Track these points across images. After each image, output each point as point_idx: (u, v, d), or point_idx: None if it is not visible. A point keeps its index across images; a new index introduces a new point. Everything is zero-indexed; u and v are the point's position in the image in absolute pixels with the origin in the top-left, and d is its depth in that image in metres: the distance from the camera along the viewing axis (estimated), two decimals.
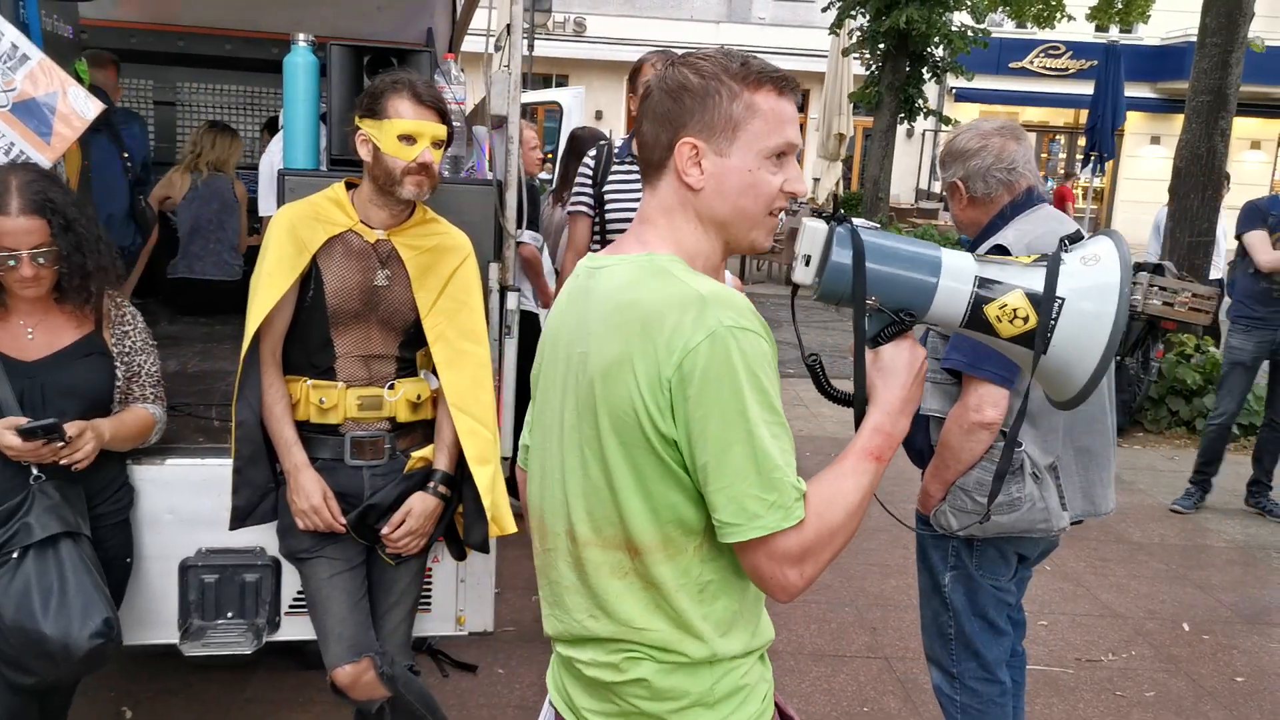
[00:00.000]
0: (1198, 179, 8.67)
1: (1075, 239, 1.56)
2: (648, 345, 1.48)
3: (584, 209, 4.12)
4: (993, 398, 2.67)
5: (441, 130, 2.68)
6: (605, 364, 1.52)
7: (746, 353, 1.45)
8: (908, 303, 1.58)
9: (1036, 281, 1.52)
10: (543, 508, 1.69)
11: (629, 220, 3.97)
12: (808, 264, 1.58)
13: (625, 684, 1.59)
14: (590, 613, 1.61)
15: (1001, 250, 2.74)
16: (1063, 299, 1.49)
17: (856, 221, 1.60)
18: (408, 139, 2.62)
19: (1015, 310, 1.52)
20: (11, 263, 2.50)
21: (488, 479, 2.77)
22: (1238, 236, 6.40)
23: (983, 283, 1.54)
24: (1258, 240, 6.23)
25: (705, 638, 1.56)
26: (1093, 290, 1.48)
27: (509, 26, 3.09)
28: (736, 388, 1.44)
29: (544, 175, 8.07)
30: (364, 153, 2.67)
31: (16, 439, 2.46)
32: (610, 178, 4.07)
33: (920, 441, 2.93)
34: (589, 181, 4.11)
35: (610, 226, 4.04)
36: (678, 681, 1.57)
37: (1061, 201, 17.06)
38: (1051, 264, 1.51)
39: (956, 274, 1.56)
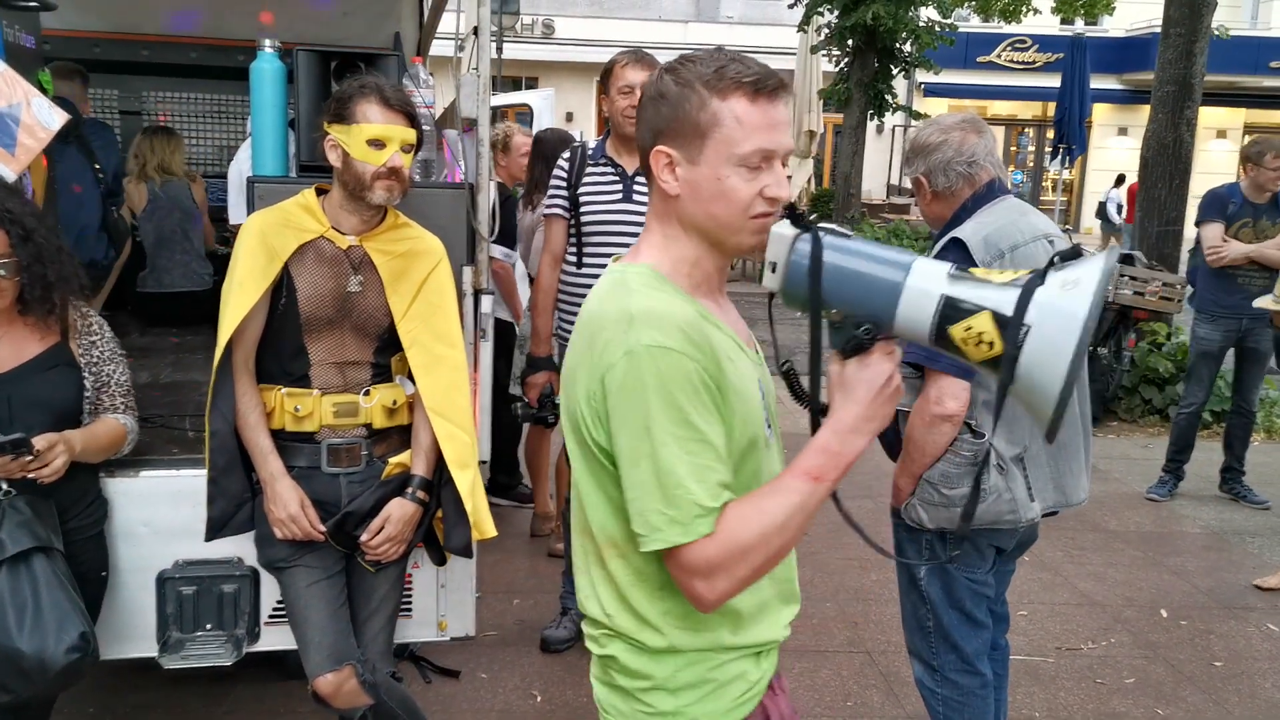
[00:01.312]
0: (1165, 169, 8.74)
1: (1071, 255, 1.41)
2: (589, 358, 1.58)
3: (559, 211, 4.10)
4: (953, 390, 2.68)
5: (411, 134, 2.67)
6: (568, 370, 1.65)
7: (662, 371, 1.49)
8: (872, 315, 1.51)
9: (1009, 303, 1.39)
10: None
11: (604, 222, 3.98)
12: (774, 270, 1.55)
13: (605, 658, 1.72)
14: (585, 593, 1.73)
15: (958, 243, 2.77)
16: (1029, 326, 1.36)
17: (828, 227, 1.55)
18: (377, 143, 2.60)
19: (981, 334, 1.41)
20: None
21: (468, 483, 2.76)
22: (1197, 224, 6.44)
23: (949, 302, 1.43)
24: (1209, 235, 6.27)
25: (663, 631, 1.64)
26: (1059, 319, 1.34)
27: (476, 29, 3.08)
28: (644, 405, 1.50)
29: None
30: (333, 158, 2.65)
31: None
32: (585, 180, 4.05)
33: (891, 435, 2.93)
34: (564, 184, 4.09)
35: (586, 229, 4.02)
36: (643, 664, 1.67)
37: (1132, 199, 16.87)
38: (1028, 286, 1.39)
39: (922, 289, 1.46)
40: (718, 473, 1.52)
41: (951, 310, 1.42)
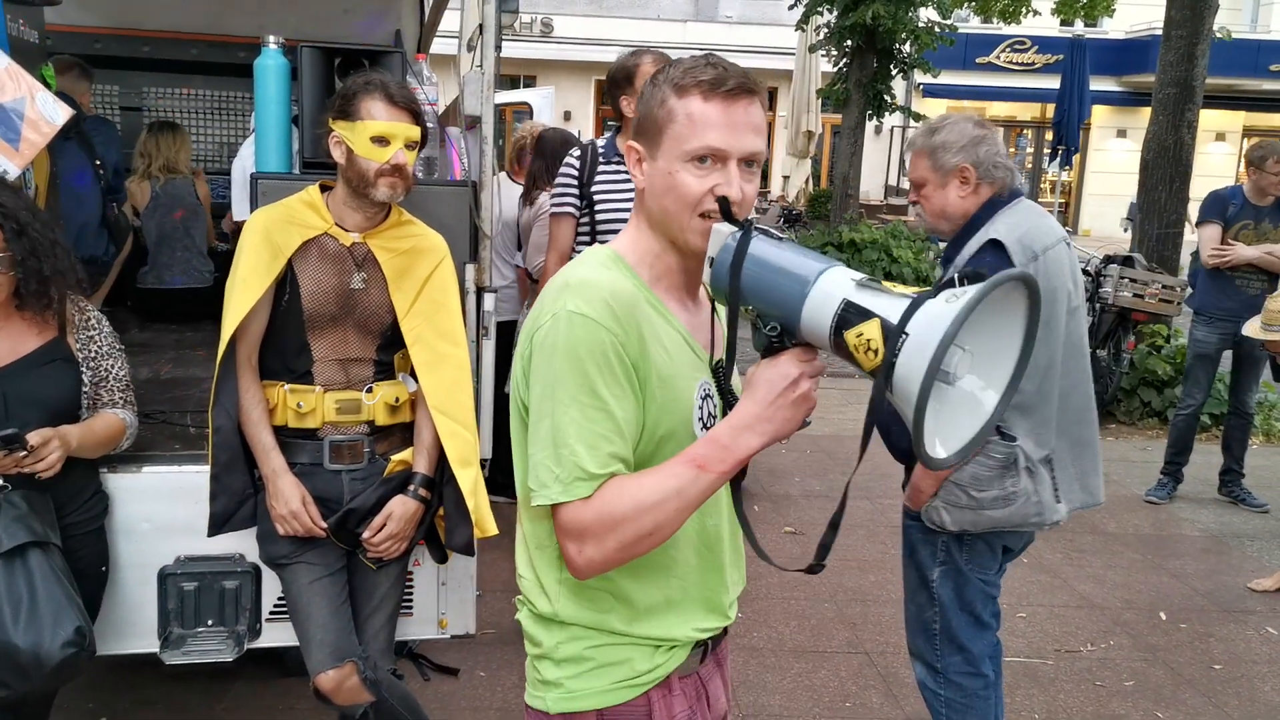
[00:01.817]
0: (1165, 171, 8.75)
1: (975, 278, 1.34)
2: (529, 321, 1.65)
3: (569, 209, 4.09)
4: None
5: (415, 131, 2.66)
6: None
7: (577, 337, 1.54)
8: (782, 316, 1.49)
9: (897, 312, 1.35)
10: None
11: (620, 218, 3.98)
12: (711, 265, 1.55)
13: (520, 619, 1.81)
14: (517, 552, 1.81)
15: (997, 245, 2.76)
16: (907, 335, 1.32)
17: (764, 229, 1.54)
18: (381, 140, 2.60)
19: (869, 341, 1.37)
20: None
21: (470, 481, 2.75)
22: (1196, 225, 6.45)
23: (848, 306, 1.40)
24: (1206, 236, 6.29)
25: (551, 597, 1.71)
26: (931, 328, 1.29)
27: (481, 26, 3.07)
28: (555, 367, 1.55)
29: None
30: (337, 155, 2.65)
31: None
32: (598, 178, 4.05)
33: (904, 441, 2.90)
34: (574, 182, 4.09)
35: (601, 226, 4.03)
36: (535, 630, 1.75)
37: None
38: (920, 296, 1.35)
39: (826, 294, 1.43)
40: (612, 444, 1.55)
41: (848, 315, 1.40)
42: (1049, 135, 19.11)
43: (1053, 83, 18.16)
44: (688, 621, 1.75)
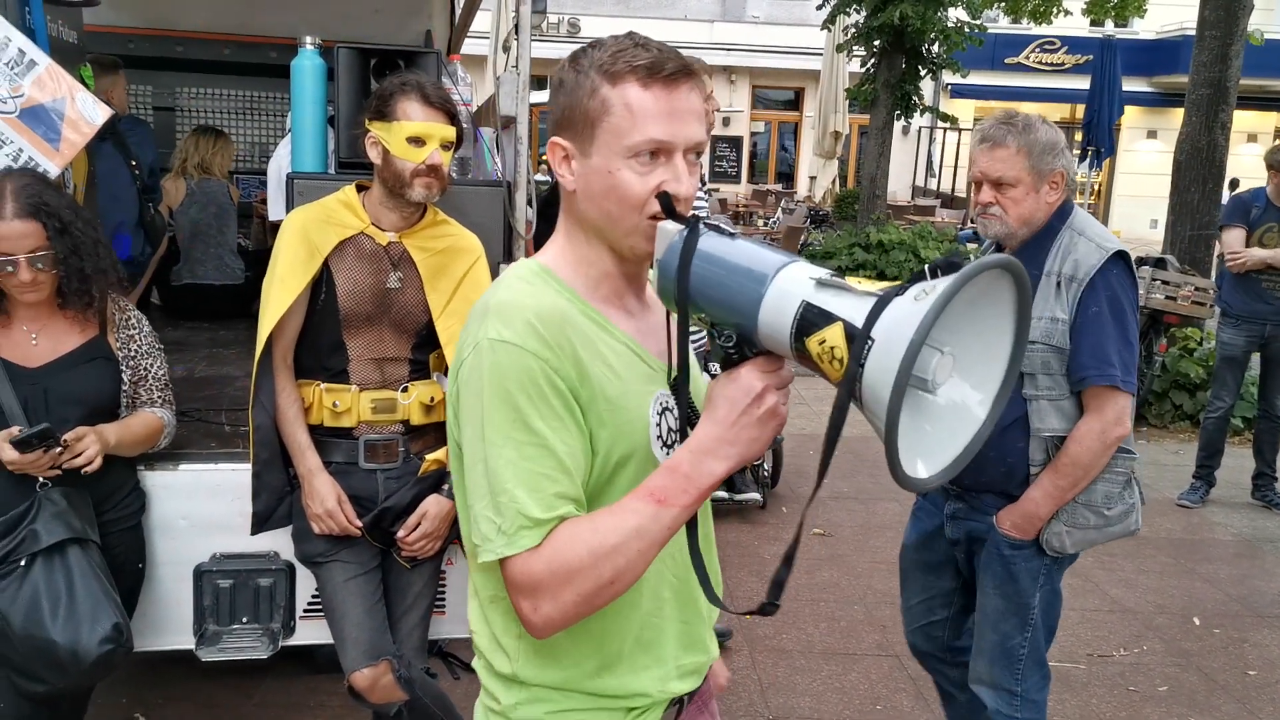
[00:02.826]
0: (1198, 172, 8.68)
1: (949, 268, 1.18)
2: (454, 354, 1.48)
3: None
4: (1130, 408, 2.66)
5: (450, 132, 2.67)
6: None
7: (501, 367, 1.37)
8: (738, 323, 1.32)
9: (860, 315, 1.19)
10: None
11: None
12: (657, 268, 1.40)
13: (476, 668, 1.62)
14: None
15: (1123, 257, 2.70)
16: (873, 341, 1.16)
17: (712, 224, 1.38)
18: (416, 141, 2.61)
19: (833, 349, 1.21)
20: (9, 268, 2.49)
21: None
22: (1219, 228, 6.41)
23: (808, 309, 1.23)
24: (1230, 240, 6.26)
25: (511, 656, 1.52)
26: (898, 333, 1.13)
27: (516, 26, 3.08)
28: (480, 404, 1.38)
29: (540, 177, 8.09)
30: (373, 155, 2.66)
31: (13, 452, 2.44)
32: None
33: (1021, 467, 2.77)
34: None
35: None
36: (492, 686, 1.56)
37: None
38: (885, 295, 1.19)
39: (784, 295, 1.26)
40: (556, 483, 1.37)
41: (808, 320, 1.23)
42: (1078, 136, 18.96)
43: (1082, 83, 18.03)
44: (663, 662, 1.56)
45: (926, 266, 1.20)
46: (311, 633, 3.06)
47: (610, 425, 1.44)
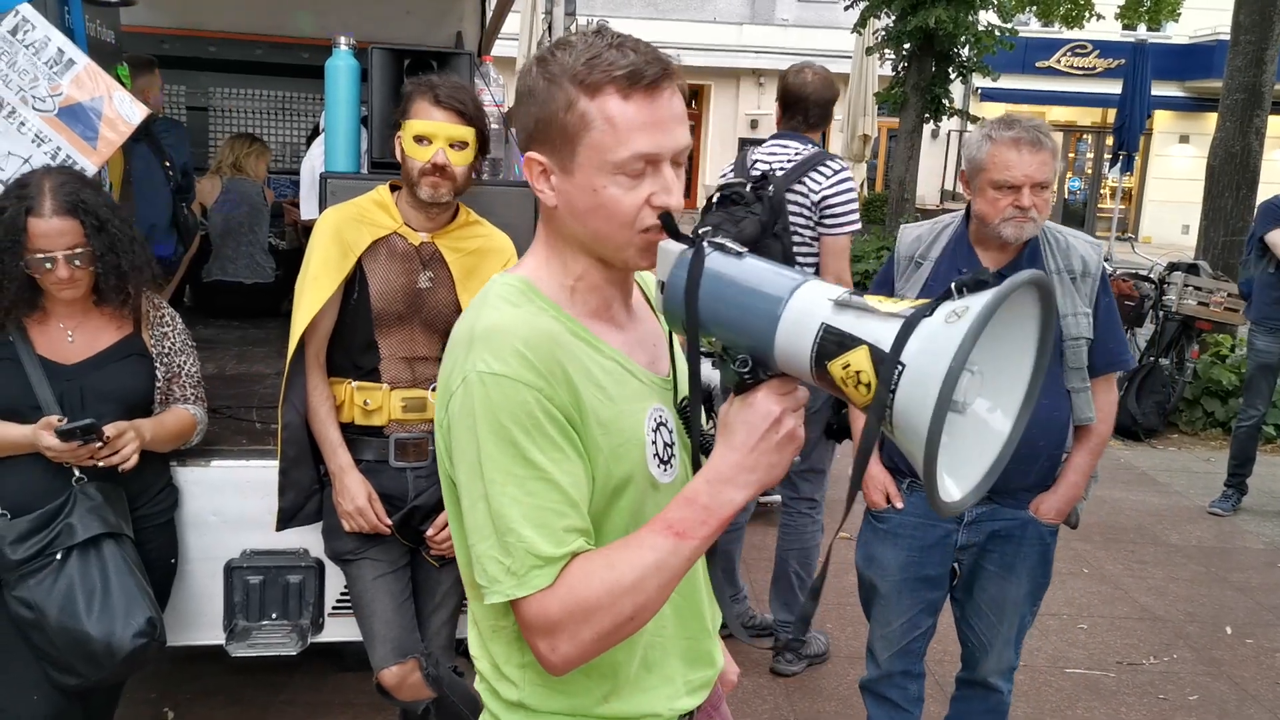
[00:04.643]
0: (1232, 178, 8.61)
1: (976, 285, 1.14)
2: (442, 383, 1.42)
3: None
4: None
5: (461, 132, 2.63)
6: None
7: (493, 402, 1.31)
8: (753, 346, 1.28)
9: (888, 338, 1.15)
10: None
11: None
12: (662, 291, 1.34)
13: (479, 690, 1.57)
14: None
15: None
16: (904, 365, 1.13)
17: (719, 243, 1.32)
18: (422, 140, 2.61)
19: (859, 373, 1.17)
20: (48, 265, 2.51)
21: None
22: (1259, 237, 6.33)
23: (828, 332, 1.20)
24: (1276, 239, 6.18)
25: (517, 684, 1.47)
26: (933, 356, 1.10)
27: (550, 27, 3.09)
28: (475, 440, 1.32)
29: None
30: (398, 154, 2.68)
31: (55, 440, 2.46)
32: None
33: (1060, 458, 2.93)
34: None
35: None
36: (499, 712, 1.51)
37: None
38: (913, 317, 1.15)
39: (801, 317, 1.22)
40: (565, 517, 1.32)
41: (830, 342, 1.19)
42: (1109, 140, 18.86)
43: (1113, 87, 17.91)
44: (671, 681, 1.53)
45: (953, 285, 1.16)
46: (340, 630, 3.08)
47: (606, 449, 1.39)
